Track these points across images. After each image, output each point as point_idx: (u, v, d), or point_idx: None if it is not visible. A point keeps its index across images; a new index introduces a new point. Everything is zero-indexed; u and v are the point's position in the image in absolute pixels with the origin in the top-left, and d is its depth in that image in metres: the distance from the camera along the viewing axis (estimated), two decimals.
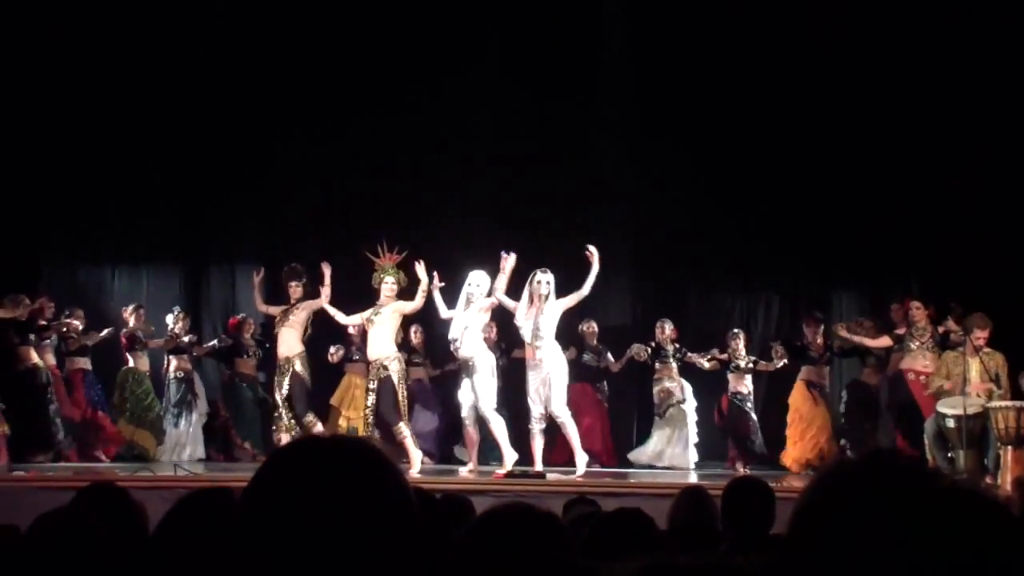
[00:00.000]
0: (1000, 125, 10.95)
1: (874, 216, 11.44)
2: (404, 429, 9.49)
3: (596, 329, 11.45)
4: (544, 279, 9.37)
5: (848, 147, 11.58)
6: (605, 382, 11.61)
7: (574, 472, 9.50)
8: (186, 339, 11.38)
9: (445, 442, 11.47)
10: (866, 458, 1.12)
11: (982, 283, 9.98)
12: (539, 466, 9.33)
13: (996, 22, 10.74)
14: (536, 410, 9.37)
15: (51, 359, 10.67)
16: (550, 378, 9.35)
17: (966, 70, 10.95)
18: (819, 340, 11.00)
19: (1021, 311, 9.72)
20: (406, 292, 9.81)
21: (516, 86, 11.98)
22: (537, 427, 9.38)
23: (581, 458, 9.51)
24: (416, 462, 9.45)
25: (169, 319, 11.39)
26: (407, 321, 10.89)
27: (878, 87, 11.39)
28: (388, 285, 9.72)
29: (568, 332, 10.34)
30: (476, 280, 9.49)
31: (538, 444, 9.39)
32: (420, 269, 9.58)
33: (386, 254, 9.87)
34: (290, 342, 10.06)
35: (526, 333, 9.41)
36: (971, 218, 10.80)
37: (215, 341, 11.74)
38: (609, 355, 11.51)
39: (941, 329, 9.97)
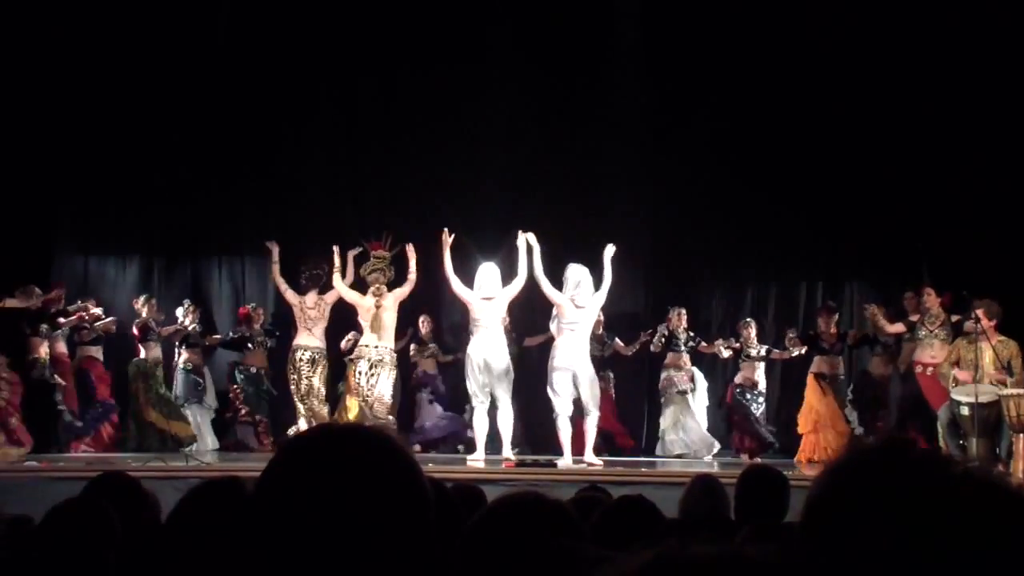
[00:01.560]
0: (1011, 116, 10.88)
1: (888, 205, 11.40)
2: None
3: (601, 317, 11.42)
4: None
5: (862, 135, 11.52)
6: (610, 370, 11.60)
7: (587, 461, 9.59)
8: (192, 328, 11.37)
9: (453, 432, 11.49)
10: (880, 447, 1.12)
11: (996, 271, 9.94)
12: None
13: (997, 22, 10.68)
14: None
15: (62, 347, 10.70)
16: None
17: (974, 58, 10.90)
18: (832, 330, 10.99)
19: None
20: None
21: (529, 72, 11.92)
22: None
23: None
24: None
25: (180, 312, 11.41)
26: (415, 311, 10.94)
27: (889, 74, 11.33)
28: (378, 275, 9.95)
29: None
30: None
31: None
32: (410, 251, 9.85)
33: (384, 245, 10.00)
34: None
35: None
36: (985, 206, 10.74)
37: (230, 332, 11.76)
38: (617, 340, 11.50)
39: (955, 318, 9.93)
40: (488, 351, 9.66)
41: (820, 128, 11.64)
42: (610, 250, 9.70)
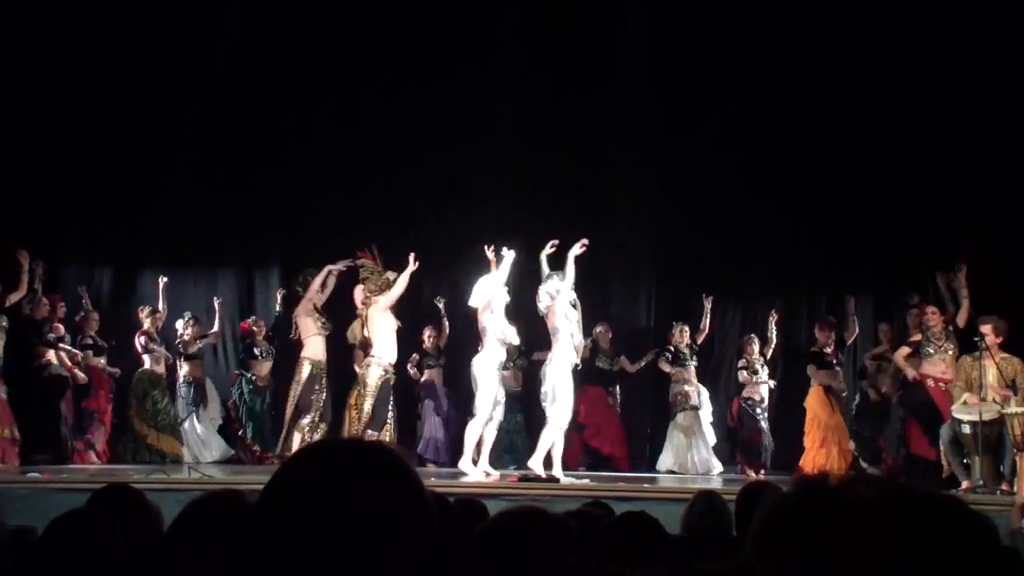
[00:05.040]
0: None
1: (890, 220, 11.39)
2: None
3: (611, 333, 11.44)
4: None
5: (865, 150, 11.53)
6: (618, 386, 11.60)
7: (587, 476, 9.55)
8: (191, 339, 11.42)
9: (455, 447, 11.49)
10: (800, 488, 1.16)
11: (1003, 287, 9.92)
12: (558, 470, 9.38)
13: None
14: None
15: (66, 359, 10.72)
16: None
17: (979, 75, 10.90)
18: (832, 344, 10.96)
19: None
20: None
21: (533, 89, 11.95)
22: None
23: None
24: None
25: (179, 324, 11.44)
26: (419, 323, 10.94)
27: (896, 88, 11.32)
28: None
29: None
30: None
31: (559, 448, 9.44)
32: (411, 261, 9.76)
33: (374, 256, 10.06)
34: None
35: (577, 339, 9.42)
36: (991, 222, 10.72)
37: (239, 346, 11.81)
38: (623, 357, 11.49)
39: (960, 319, 9.85)
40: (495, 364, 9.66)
41: (824, 142, 11.65)
42: (575, 249, 9.33)
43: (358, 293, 10.11)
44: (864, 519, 1.08)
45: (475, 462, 9.54)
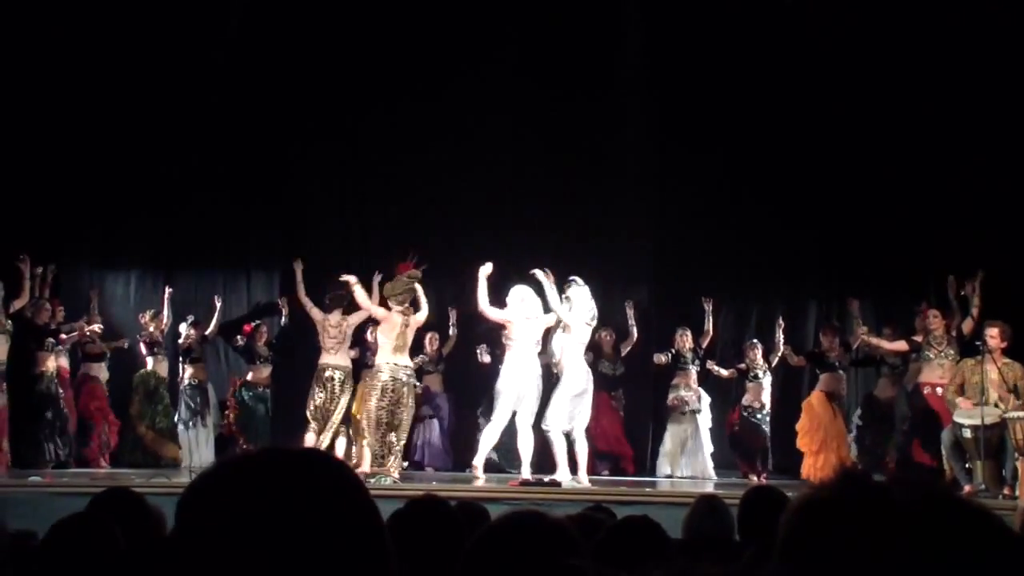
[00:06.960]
0: None
1: (895, 224, 11.38)
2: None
3: (613, 338, 11.43)
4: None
5: (870, 153, 11.52)
6: (621, 390, 11.60)
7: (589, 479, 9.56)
8: (192, 343, 11.43)
9: (456, 451, 11.49)
10: (837, 482, 1.13)
11: (1006, 291, 9.91)
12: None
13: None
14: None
15: (64, 362, 10.72)
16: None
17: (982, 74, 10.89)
18: (836, 349, 10.94)
19: None
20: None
21: (533, 93, 11.93)
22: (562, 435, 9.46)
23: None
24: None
25: (183, 328, 11.45)
26: (423, 328, 10.94)
27: (899, 94, 11.32)
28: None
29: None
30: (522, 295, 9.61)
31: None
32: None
33: (413, 263, 9.96)
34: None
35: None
36: (995, 226, 10.71)
37: (236, 340, 11.77)
38: (624, 349, 11.55)
39: (966, 327, 9.84)
40: (524, 370, 9.63)
41: (826, 147, 11.64)
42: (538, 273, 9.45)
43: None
44: (902, 522, 1.06)
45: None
